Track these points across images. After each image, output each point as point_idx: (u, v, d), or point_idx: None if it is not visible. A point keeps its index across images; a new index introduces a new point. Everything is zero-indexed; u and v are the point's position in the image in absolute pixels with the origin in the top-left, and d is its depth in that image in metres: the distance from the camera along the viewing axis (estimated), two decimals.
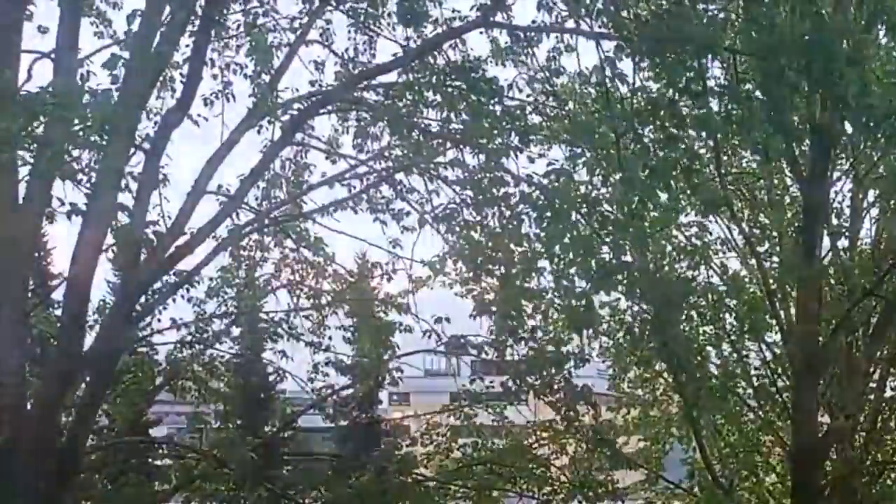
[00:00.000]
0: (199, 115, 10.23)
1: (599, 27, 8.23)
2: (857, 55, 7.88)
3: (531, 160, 9.50)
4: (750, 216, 14.99)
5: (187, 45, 9.49)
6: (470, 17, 9.21)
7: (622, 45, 7.91)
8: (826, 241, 14.34)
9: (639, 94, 8.29)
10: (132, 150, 9.55)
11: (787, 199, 14.97)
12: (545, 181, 8.44)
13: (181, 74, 9.81)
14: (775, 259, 14.78)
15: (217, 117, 10.59)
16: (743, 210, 14.73)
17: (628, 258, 8.44)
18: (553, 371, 11.04)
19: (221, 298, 12.44)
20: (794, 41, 7.67)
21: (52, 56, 9.49)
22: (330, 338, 12.96)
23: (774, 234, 14.80)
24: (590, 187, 8.83)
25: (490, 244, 8.76)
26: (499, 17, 9.26)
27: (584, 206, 8.24)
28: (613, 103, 8.35)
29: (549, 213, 8.16)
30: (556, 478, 13.90)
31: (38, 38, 10.04)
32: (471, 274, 9.41)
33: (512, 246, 8.70)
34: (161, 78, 9.79)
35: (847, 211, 14.97)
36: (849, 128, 11.75)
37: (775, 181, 14.74)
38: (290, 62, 10.37)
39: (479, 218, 9.34)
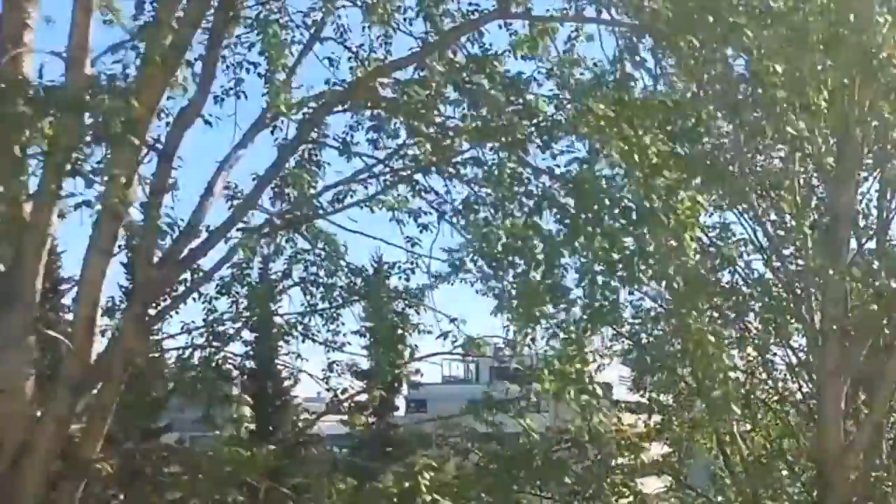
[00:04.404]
0: (211, 115, 10.08)
1: (618, 15, 8.03)
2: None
3: (553, 156, 9.29)
4: (776, 218, 14.74)
5: (200, 43, 9.32)
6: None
7: (641, 33, 7.71)
8: (853, 243, 14.11)
9: (661, 80, 8.10)
10: (145, 149, 9.39)
11: (814, 201, 14.71)
12: (566, 171, 8.25)
13: (193, 73, 9.63)
14: (801, 262, 14.52)
15: (230, 116, 10.47)
16: (768, 211, 14.48)
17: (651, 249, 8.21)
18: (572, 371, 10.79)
19: (233, 297, 12.25)
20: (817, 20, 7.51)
21: (64, 55, 9.34)
22: (344, 335, 12.81)
23: (800, 235, 14.54)
24: (612, 181, 8.60)
25: (510, 239, 8.53)
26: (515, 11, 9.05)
27: (607, 198, 8.02)
28: (632, 92, 8.18)
29: (572, 205, 7.96)
30: (574, 479, 13.69)
31: (49, 34, 9.88)
32: (490, 270, 9.20)
33: (533, 241, 8.46)
34: (173, 76, 9.59)
35: (874, 212, 14.73)
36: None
37: (801, 180, 14.50)
38: (304, 59, 10.23)
39: (498, 214, 9.12)
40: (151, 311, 10.54)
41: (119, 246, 10.05)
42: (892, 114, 9.69)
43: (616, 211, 8.22)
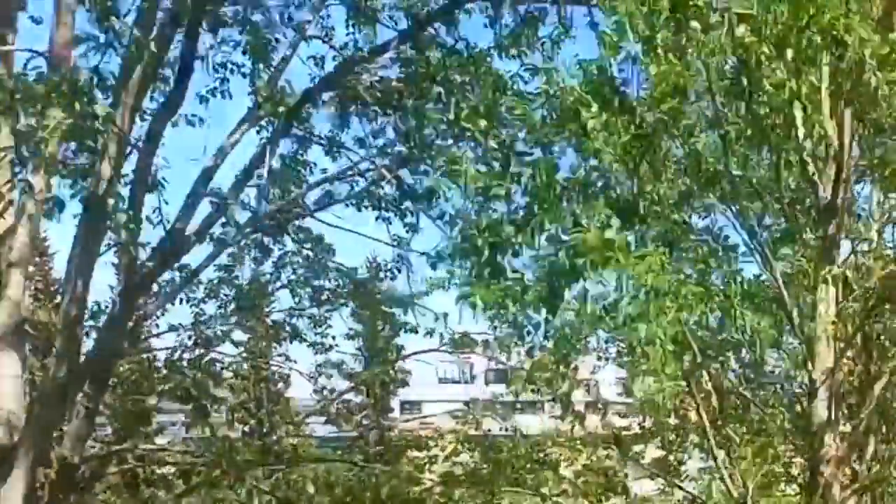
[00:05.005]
0: (194, 116, 10.09)
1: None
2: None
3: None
4: (768, 220, 14.68)
5: (179, 41, 9.30)
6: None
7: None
8: (845, 245, 14.04)
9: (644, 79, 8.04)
10: (128, 148, 9.40)
11: (806, 203, 14.65)
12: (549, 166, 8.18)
13: (173, 70, 9.63)
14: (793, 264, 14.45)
15: (213, 117, 10.49)
16: (762, 214, 14.41)
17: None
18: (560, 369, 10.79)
19: (221, 300, 12.27)
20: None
21: (47, 54, 9.35)
22: (333, 337, 12.83)
23: (792, 238, 14.48)
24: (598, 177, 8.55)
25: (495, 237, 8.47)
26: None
27: (591, 196, 7.95)
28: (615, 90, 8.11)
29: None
30: (566, 479, 13.68)
31: (34, 32, 9.91)
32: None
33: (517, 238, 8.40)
34: (155, 75, 9.59)
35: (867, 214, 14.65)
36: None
37: (791, 184, 14.45)
38: (290, 59, 10.24)
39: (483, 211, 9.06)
40: (139, 312, 10.55)
41: (107, 245, 10.07)
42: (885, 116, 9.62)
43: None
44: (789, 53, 8.00)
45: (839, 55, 7.95)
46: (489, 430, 14.04)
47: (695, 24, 7.46)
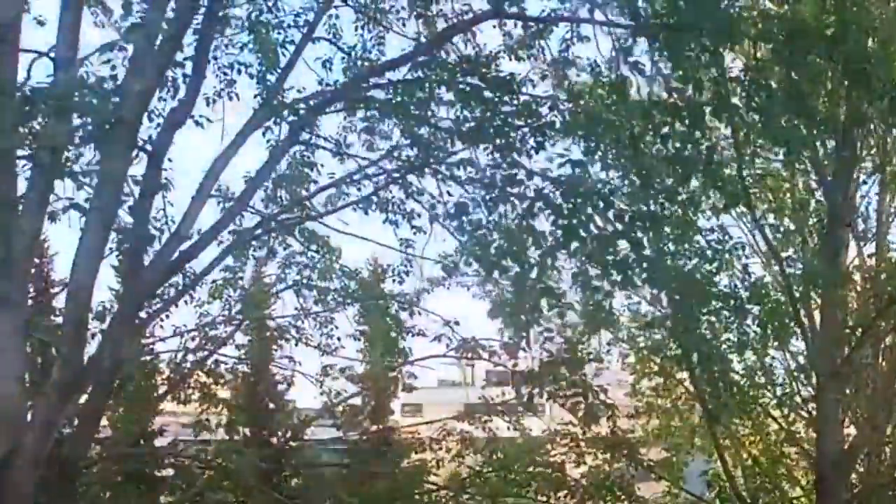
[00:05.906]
0: (201, 116, 9.96)
1: (613, 15, 7.92)
2: (884, 35, 7.63)
3: (550, 160, 9.15)
4: (774, 220, 14.64)
5: (190, 44, 9.19)
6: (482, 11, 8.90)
7: (636, 33, 7.58)
8: (852, 246, 14.03)
9: (656, 82, 7.98)
10: (134, 151, 9.28)
11: (812, 203, 14.60)
12: (560, 174, 8.11)
13: (184, 74, 9.51)
14: (800, 265, 14.41)
15: (220, 119, 10.36)
16: (766, 214, 14.38)
17: (647, 252, 8.08)
18: (568, 374, 10.73)
19: (225, 302, 12.16)
20: (817, 24, 7.42)
21: (52, 55, 9.22)
22: (339, 339, 12.73)
23: (798, 238, 14.44)
24: (606, 182, 8.49)
25: (504, 242, 8.40)
26: (510, 11, 8.91)
27: (601, 200, 7.88)
28: (628, 94, 8.05)
29: (565, 208, 7.83)
30: (571, 483, 13.62)
31: (38, 34, 9.78)
32: (484, 273, 9.05)
33: (527, 243, 8.33)
34: (163, 77, 9.48)
35: (874, 214, 14.63)
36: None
37: (799, 184, 14.40)
38: (297, 60, 10.10)
39: (492, 216, 8.97)
40: (143, 315, 10.43)
41: (110, 248, 9.96)
42: (889, 116, 9.57)
43: (610, 214, 8.10)
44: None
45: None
46: (497, 428, 13.94)
47: None
